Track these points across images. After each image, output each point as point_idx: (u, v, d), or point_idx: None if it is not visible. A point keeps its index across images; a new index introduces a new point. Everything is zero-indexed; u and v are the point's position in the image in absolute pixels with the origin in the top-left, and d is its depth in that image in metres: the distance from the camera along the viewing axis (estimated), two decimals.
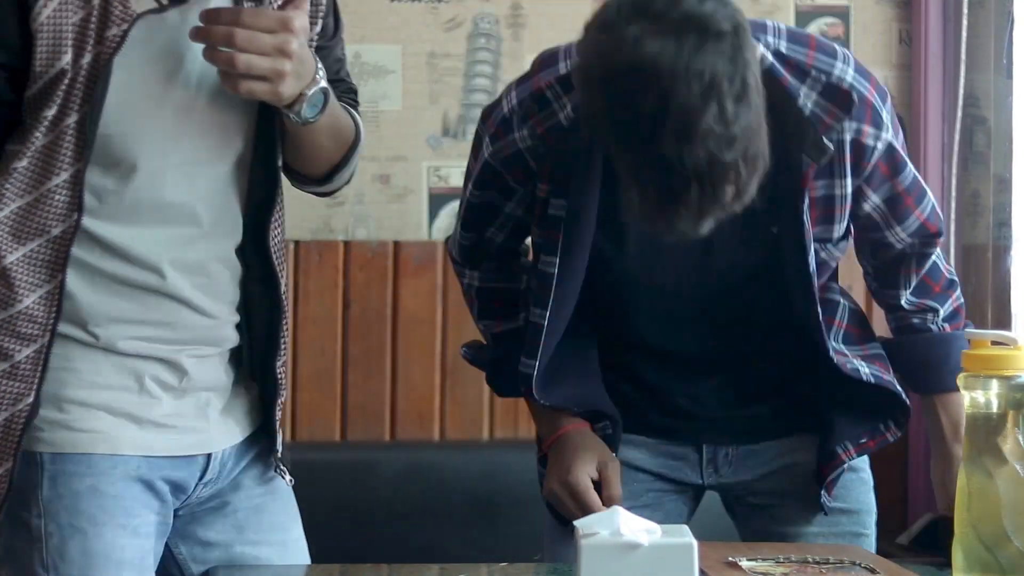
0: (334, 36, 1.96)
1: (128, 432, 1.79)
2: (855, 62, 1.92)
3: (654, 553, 1.47)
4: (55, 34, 1.69)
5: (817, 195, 1.91)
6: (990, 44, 2.91)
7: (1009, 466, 1.67)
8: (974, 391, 1.69)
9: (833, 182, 1.91)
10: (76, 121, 1.70)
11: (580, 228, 1.91)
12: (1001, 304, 2.88)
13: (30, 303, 1.73)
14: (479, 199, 2.04)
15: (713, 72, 1.60)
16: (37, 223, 1.73)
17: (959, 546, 1.69)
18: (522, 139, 1.94)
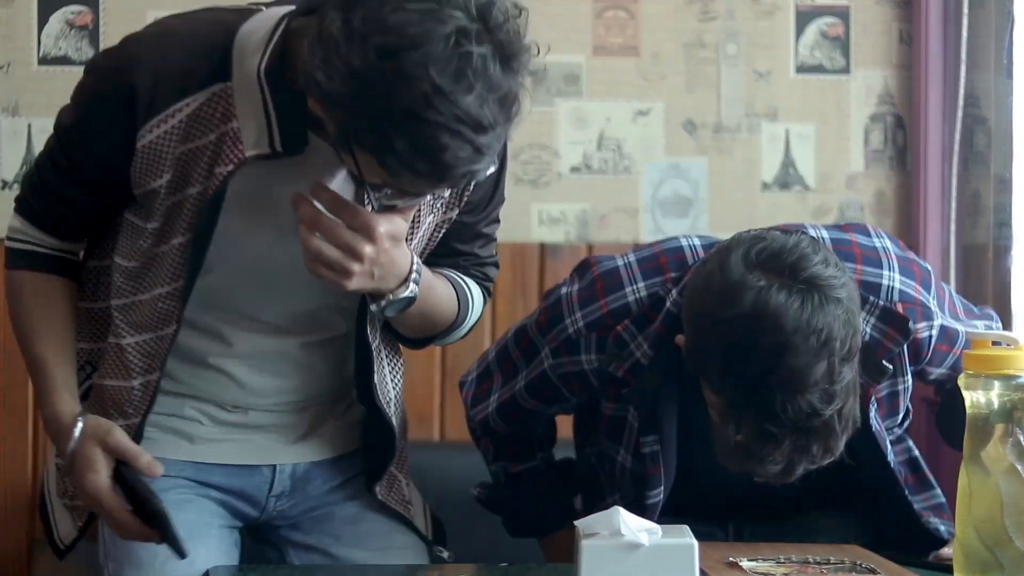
0: (483, 211, 2.02)
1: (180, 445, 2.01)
2: (898, 260, 2.03)
3: (655, 553, 1.47)
4: (153, 158, 1.82)
5: (882, 395, 2.02)
6: (990, 44, 2.91)
7: (1009, 466, 1.67)
8: (974, 391, 1.69)
9: (896, 380, 2.03)
10: (180, 243, 1.84)
11: (670, 458, 2.04)
12: (1001, 304, 2.87)
13: (136, 384, 1.93)
14: (526, 402, 2.16)
15: (829, 332, 1.74)
16: (147, 319, 1.90)
17: (959, 546, 1.69)
18: (588, 361, 2.05)
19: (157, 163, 1.83)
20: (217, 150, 1.81)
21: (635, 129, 2.98)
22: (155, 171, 1.83)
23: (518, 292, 2.94)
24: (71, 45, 2.84)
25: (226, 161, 1.80)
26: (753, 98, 3.01)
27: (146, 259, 1.88)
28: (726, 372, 1.79)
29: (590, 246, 2.96)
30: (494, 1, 1.68)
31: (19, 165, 2.83)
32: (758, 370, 1.74)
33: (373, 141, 1.67)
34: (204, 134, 1.81)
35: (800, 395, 1.73)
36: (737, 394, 1.78)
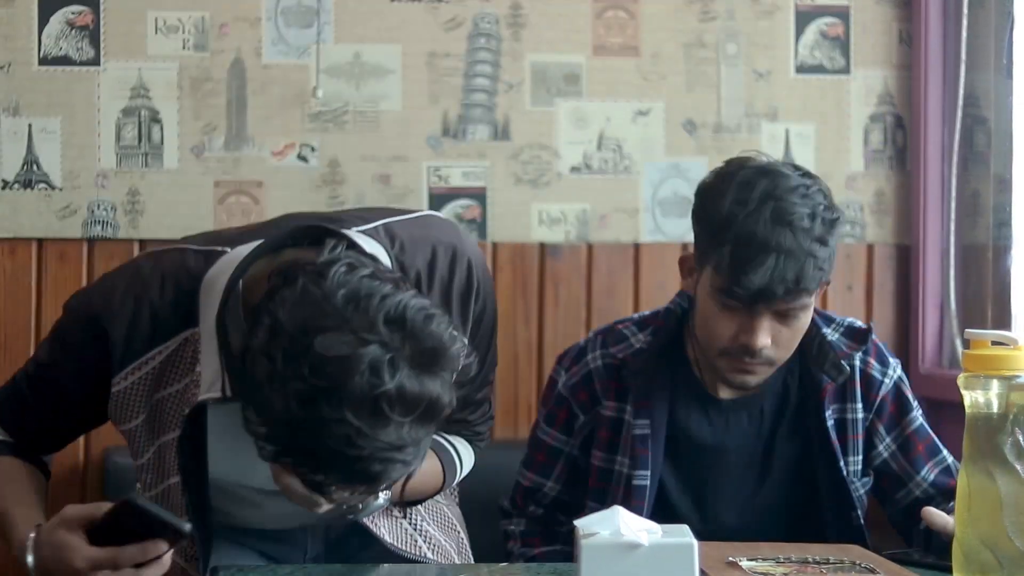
0: (473, 383, 2.04)
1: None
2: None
3: (655, 553, 1.47)
4: (127, 402, 1.95)
5: (832, 421, 2.33)
6: (990, 44, 2.91)
7: (1009, 466, 1.66)
8: (974, 391, 1.69)
9: (845, 406, 2.34)
10: (175, 483, 1.95)
11: (659, 444, 2.33)
12: (1001, 304, 2.88)
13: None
14: (546, 435, 2.44)
15: (810, 189, 2.22)
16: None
17: (959, 546, 1.69)
18: (593, 360, 2.39)
19: (131, 406, 1.95)
20: (185, 393, 1.91)
21: (635, 129, 2.98)
22: (130, 413, 1.95)
23: (518, 292, 2.94)
24: (71, 45, 2.85)
25: (189, 404, 1.90)
26: (753, 98, 3.01)
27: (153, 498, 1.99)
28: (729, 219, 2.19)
29: (590, 246, 2.96)
30: (408, 305, 1.70)
31: (19, 165, 2.83)
32: (755, 205, 2.18)
33: (306, 472, 1.75)
34: (177, 379, 1.92)
35: (786, 226, 2.17)
36: (735, 231, 2.18)
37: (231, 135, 2.88)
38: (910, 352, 3.00)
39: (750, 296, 2.17)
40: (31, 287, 2.83)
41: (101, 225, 2.84)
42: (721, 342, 2.23)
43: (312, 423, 1.68)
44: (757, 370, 2.25)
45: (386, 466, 1.71)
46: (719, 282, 2.20)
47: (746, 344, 2.21)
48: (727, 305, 2.20)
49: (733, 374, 2.26)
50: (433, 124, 2.93)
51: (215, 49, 2.88)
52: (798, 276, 2.16)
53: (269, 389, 1.70)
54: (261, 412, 1.72)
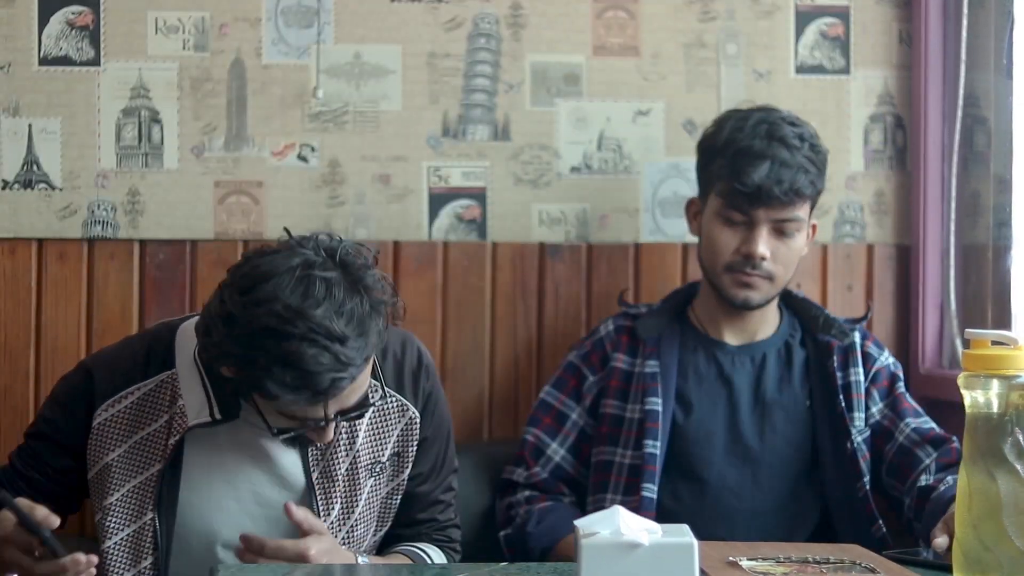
0: (434, 480, 2.39)
1: None
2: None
3: (655, 552, 1.47)
4: (106, 434, 2.24)
5: (840, 383, 2.62)
6: (990, 44, 2.91)
7: (1009, 466, 1.67)
8: (974, 391, 1.69)
9: (848, 371, 2.63)
10: (150, 519, 2.21)
11: (669, 380, 2.59)
12: (1001, 304, 2.88)
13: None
14: (554, 400, 2.67)
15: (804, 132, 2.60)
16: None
17: (959, 546, 1.69)
18: (604, 327, 2.70)
19: (109, 439, 2.24)
20: (168, 427, 2.21)
21: (635, 129, 2.98)
22: (108, 446, 2.24)
23: (518, 292, 2.94)
24: (72, 45, 2.85)
25: (176, 432, 2.20)
26: (753, 98, 3.01)
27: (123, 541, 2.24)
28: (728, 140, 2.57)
29: (590, 246, 2.96)
30: (344, 245, 2.09)
31: (19, 165, 2.83)
32: (750, 128, 2.56)
33: (250, 369, 2.04)
34: (156, 417, 2.23)
35: (778, 140, 2.53)
36: (733, 147, 2.54)
37: (231, 135, 2.88)
38: (910, 352, 3.00)
39: (751, 195, 2.49)
40: (31, 287, 2.83)
41: (101, 225, 2.84)
42: (725, 257, 2.55)
43: (250, 306, 2.02)
44: (758, 284, 2.56)
45: (315, 351, 1.99)
46: (722, 188, 2.54)
47: (748, 253, 2.53)
48: (730, 219, 2.54)
49: (737, 288, 2.56)
50: (433, 124, 2.93)
51: (215, 49, 2.88)
52: (792, 181, 2.50)
53: (218, 299, 2.07)
54: (214, 325, 2.06)
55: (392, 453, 2.32)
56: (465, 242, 2.93)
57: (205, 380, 2.20)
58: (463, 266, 2.92)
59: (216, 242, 2.87)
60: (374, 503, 2.32)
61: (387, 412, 2.31)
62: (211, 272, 2.83)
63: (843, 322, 2.68)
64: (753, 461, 2.59)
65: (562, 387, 2.68)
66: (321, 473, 2.25)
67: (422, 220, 2.93)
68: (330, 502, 2.26)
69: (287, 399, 2.05)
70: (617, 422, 2.61)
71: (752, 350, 2.65)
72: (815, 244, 3.01)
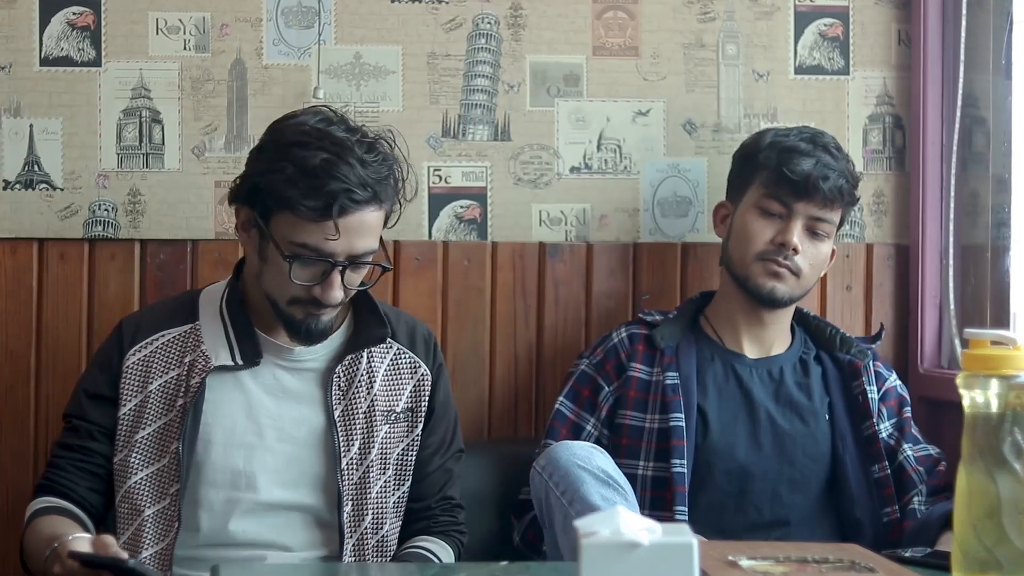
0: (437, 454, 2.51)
1: None
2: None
3: (655, 552, 1.47)
4: (136, 375, 2.42)
5: (856, 392, 2.66)
6: (989, 45, 2.91)
7: (1008, 466, 1.67)
8: (974, 391, 1.69)
9: (866, 388, 2.67)
10: (175, 449, 2.35)
11: (691, 392, 2.59)
12: (1000, 304, 2.88)
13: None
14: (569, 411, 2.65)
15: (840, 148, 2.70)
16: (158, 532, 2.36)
17: (959, 546, 1.69)
18: (617, 335, 2.69)
19: (138, 378, 2.41)
20: (191, 368, 2.39)
21: (635, 129, 2.98)
22: (136, 387, 2.41)
23: (518, 292, 2.94)
24: (72, 46, 2.85)
25: (199, 373, 2.38)
26: (752, 98, 3.01)
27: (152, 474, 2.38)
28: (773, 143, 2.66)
29: (590, 246, 2.97)
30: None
31: (20, 165, 2.84)
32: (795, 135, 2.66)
33: (273, 181, 2.28)
34: (181, 360, 2.40)
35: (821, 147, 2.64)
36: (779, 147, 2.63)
37: (232, 135, 2.89)
38: (909, 352, 3.00)
39: (796, 184, 2.57)
40: (32, 287, 2.83)
41: (102, 225, 2.85)
42: (758, 245, 2.60)
43: (277, 135, 2.36)
44: (786, 276, 2.60)
45: (337, 162, 2.26)
46: (767, 178, 2.61)
47: (783, 241, 2.58)
48: (768, 211, 2.61)
49: (765, 277, 2.60)
50: (433, 124, 2.94)
51: (216, 50, 2.88)
52: (836, 181, 2.60)
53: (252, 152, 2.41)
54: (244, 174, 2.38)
55: (405, 407, 2.46)
56: (465, 242, 2.93)
57: (228, 329, 2.41)
58: (463, 266, 2.93)
59: (217, 242, 2.87)
60: (388, 453, 2.44)
61: (400, 366, 2.48)
62: (212, 272, 2.83)
63: (859, 341, 2.72)
64: (774, 474, 2.58)
65: (576, 398, 2.67)
66: (343, 412, 2.40)
67: (422, 220, 2.93)
68: (350, 439, 2.39)
69: (309, 219, 2.26)
70: (637, 433, 2.59)
71: (770, 363, 2.67)
72: None
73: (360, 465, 2.40)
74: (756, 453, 2.58)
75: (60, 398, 2.80)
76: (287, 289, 2.33)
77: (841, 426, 2.63)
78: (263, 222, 2.32)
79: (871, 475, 2.61)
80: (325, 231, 2.28)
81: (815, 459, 2.60)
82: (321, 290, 2.32)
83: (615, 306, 2.94)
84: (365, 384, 2.43)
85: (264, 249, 2.35)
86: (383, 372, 2.46)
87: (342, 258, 2.30)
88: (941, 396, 2.84)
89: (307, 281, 2.31)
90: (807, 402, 2.64)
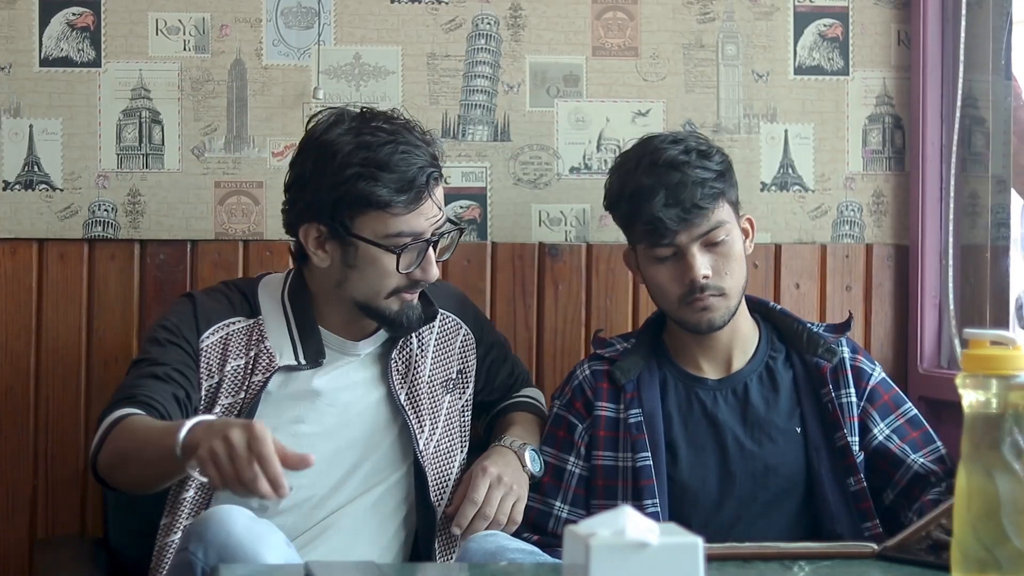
0: (501, 379, 2.67)
1: None
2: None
3: (662, 552, 1.47)
4: (213, 355, 2.41)
5: (825, 400, 2.53)
6: (988, 45, 2.91)
7: (1008, 466, 1.67)
8: (974, 391, 1.69)
9: (840, 392, 2.54)
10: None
11: (656, 428, 2.51)
12: (999, 304, 2.88)
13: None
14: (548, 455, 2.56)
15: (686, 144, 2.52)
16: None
17: (958, 546, 1.70)
18: (581, 371, 2.60)
19: (217, 360, 2.41)
20: (254, 365, 2.40)
21: (634, 130, 2.98)
22: (216, 366, 2.41)
23: (518, 292, 2.95)
24: (72, 46, 2.85)
25: (262, 371, 2.39)
26: (752, 99, 3.02)
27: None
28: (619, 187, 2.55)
29: (590, 246, 2.97)
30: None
31: (20, 166, 2.84)
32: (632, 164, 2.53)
33: (352, 189, 2.34)
34: (245, 352, 2.41)
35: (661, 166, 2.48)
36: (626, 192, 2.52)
37: (232, 136, 2.89)
38: (909, 352, 3.01)
39: (659, 230, 2.45)
40: (32, 287, 2.83)
41: (102, 226, 2.85)
42: (673, 293, 2.49)
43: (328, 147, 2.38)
44: (713, 303, 2.48)
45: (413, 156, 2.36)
46: (637, 236, 2.51)
47: (690, 279, 2.46)
48: (659, 257, 2.49)
49: (695, 315, 2.49)
50: (433, 124, 2.94)
51: (215, 50, 2.88)
52: (690, 197, 2.44)
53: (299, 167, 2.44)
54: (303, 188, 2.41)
55: (457, 370, 2.57)
56: (465, 242, 2.93)
57: (292, 328, 2.44)
58: (463, 266, 2.93)
59: (216, 242, 2.87)
60: (453, 420, 2.53)
61: (445, 330, 2.58)
62: (211, 272, 2.83)
63: (826, 334, 2.58)
64: (748, 501, 2.51)
65: (553, 442, 2.58)
66: (407, 395, 2.47)
67: None
68: (421, 420, 2.47)
69: (397, 203, 2.34)
70: (612, 473, 2.52)
71: (733, 382, 2.56)
72: (814, 244, 3.02)
73: (432, 439, 2.48)
74: (729, 483, 2.50)
75: (60, 398, 2.81)
76: (387, 283, 2.39)
77: (814, 437, 2.52)
78: (345, 230, 2.36)
79: (847, 488, 2.50)
80: (422, 214, 2.37)
81: (789, 478, 2.51)
82: (422, 271, 2.39)
83: (615, 306, 2.94)
84: (419, 361, 2.51)
85: (351, 256, 2.38)
86: (434, 343, 2.55)
87: (430, 234, 2.40)
88: (941, 396, 2.84)
89: (410, 267, 2.38)
90: (776, 418, 2.53)
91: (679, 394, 2.55)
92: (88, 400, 2.81)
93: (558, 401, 2.61)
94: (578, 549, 1.50)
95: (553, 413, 2.61)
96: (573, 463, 2.55)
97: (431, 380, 2.51)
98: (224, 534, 2.01)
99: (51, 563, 2.61)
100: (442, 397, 2.52)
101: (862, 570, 1.91)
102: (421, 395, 2.48)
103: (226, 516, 2.05)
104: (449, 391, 2.54)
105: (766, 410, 2.54)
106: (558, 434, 2.58)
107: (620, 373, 2.54)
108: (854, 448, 2.51)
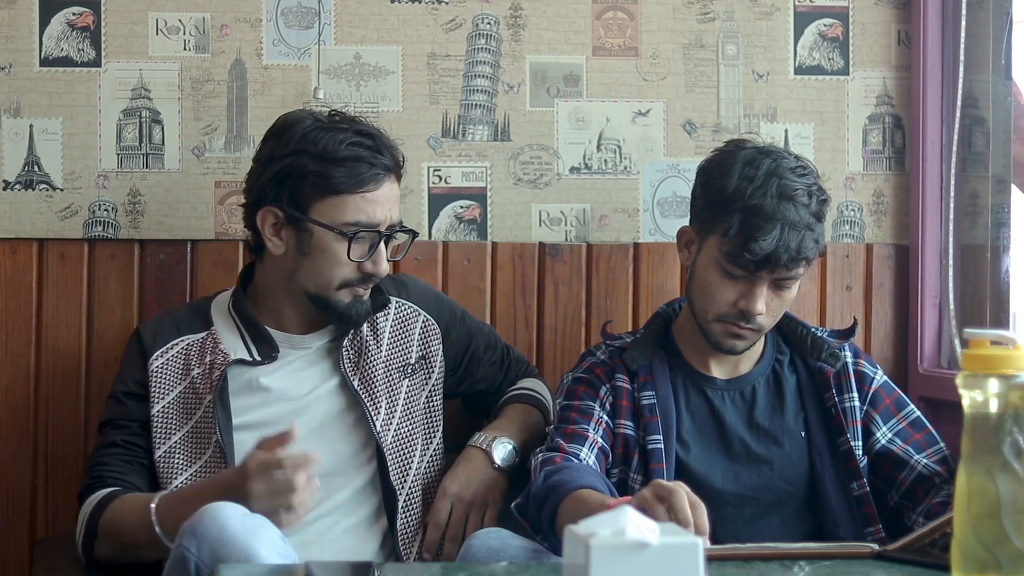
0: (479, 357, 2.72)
1: None
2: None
3: (662, 552, 1.47)
4: (163, 376, 2.51)
5: (828, 405, 2.54)
6: (988, 45, 2.91)
7: (1008, 465, 1.67)
8: (974, 391, 1.69)
9: (843, 396, 2.54)
10: (215, 441, 2.44)
11: (668, 412, 2.50)
12: (999, 304, 2.88)
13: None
14: (578, 400, 2.52)
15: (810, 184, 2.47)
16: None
17: (958, 546, 1.70)
18: (598, 349, 2.60)
19: (165, 381, 2.50)
20: (212, 366, 2.49)
21: (635, 129, 2.99)
22: (164, 388, 2.49)
23: (518, 292, 2.95)
24: (72, 46, 2.85)
25: (219, 367, 2.48)
26: (752, 99, 3.02)
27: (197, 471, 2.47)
28: (738, 192, 2.42)
29: (590, 246, 2.97)
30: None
31: (20, 166, 2.84)
32: (761, 181, 2.41)
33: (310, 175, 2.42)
34: (200, 362, 2.50)
35: (789, 200, 2.40)
36: (744, 203, 2.41)
37: (232, 136, 2.89)
38: (909, 352, 3.01)
39: (758, 261, 2.39)
40: (32, 287, 2.83)
41: (102, 225, 2.85)
42: (720, 308, 2.46)
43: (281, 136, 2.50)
44: (747, 335, 2.47)
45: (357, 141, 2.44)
46: (728, 247, 2.42)
47: (745, 310, 2.44)
48: (731, 273, 2.43)
49: (725, 338, 2.48)
50: (433, 124, 2.94)
51: (216, 50, 2.89)
52: (799, 246, 2.40)
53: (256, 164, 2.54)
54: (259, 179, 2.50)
55: (418, 356, 2.60)
56: (465, 242, 2.94)
57: (244, 333, 2.53)
58: (463, 266, 2.93)
59: (216, 242, 2.87)
60: (414, 406, 2.56)
61: (402, 318, 2.62)
62: (211, 272, 2.84)
63: (830, 339, 2.58)
64: (752, 501, 2.50)
65: (574, 395, 2.52)
66: (361, 380, 2.51)
67: (422, 220, 2.93)
68: (377, 403, 2.51)
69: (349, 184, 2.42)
70: (632, 444, 2.49)
71: (740, 384, 2.56)
72: None
73: (390, 424, 2.51)
74: (734, 482, 2.50)
75: (60, 398, 2.81)
76: (338, 273, 2.46)
77: (818, 442, 2.52)
78: (301, 213, 2.44)
79: (850, 493, 2.49)
80: (375, 202, 2.44)
81: (792, 481, 2.51)
82: (372, 263, 2.46)
83: (615, 306, 2.95)
84: (373, 347, 2.55)
85: (305, 242, 2.46)
86: (389, 330, 2.59)
87: (385, 228, 2.46)
88: (941, 396, 2.84)
89: (361, 257, 2.45)
90: (781, 421, 2.53)
91: (688, 389, 2.55)
92: (88, 400, 2.81)
93: (573, 372, 2.56)
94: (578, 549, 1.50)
95: (569, 379, 2.55)
96: (600, 412, 2.50)
97: (387, 365, 2.56)
98: (217, 529, 2.02)
99: (51, 563, 2.61)
100: (399, 382, 2.56)
101: (862, 570, 1.91)
102: (377, 380, 2.53)
103: (219, 512, 2.06)
104: (407, 376, 2.58)
105: (772, 414, 2.54)
106: (578, 389, 2.52)
107: (630, 360, 2.54)
108: (857, 453, 2.50)
